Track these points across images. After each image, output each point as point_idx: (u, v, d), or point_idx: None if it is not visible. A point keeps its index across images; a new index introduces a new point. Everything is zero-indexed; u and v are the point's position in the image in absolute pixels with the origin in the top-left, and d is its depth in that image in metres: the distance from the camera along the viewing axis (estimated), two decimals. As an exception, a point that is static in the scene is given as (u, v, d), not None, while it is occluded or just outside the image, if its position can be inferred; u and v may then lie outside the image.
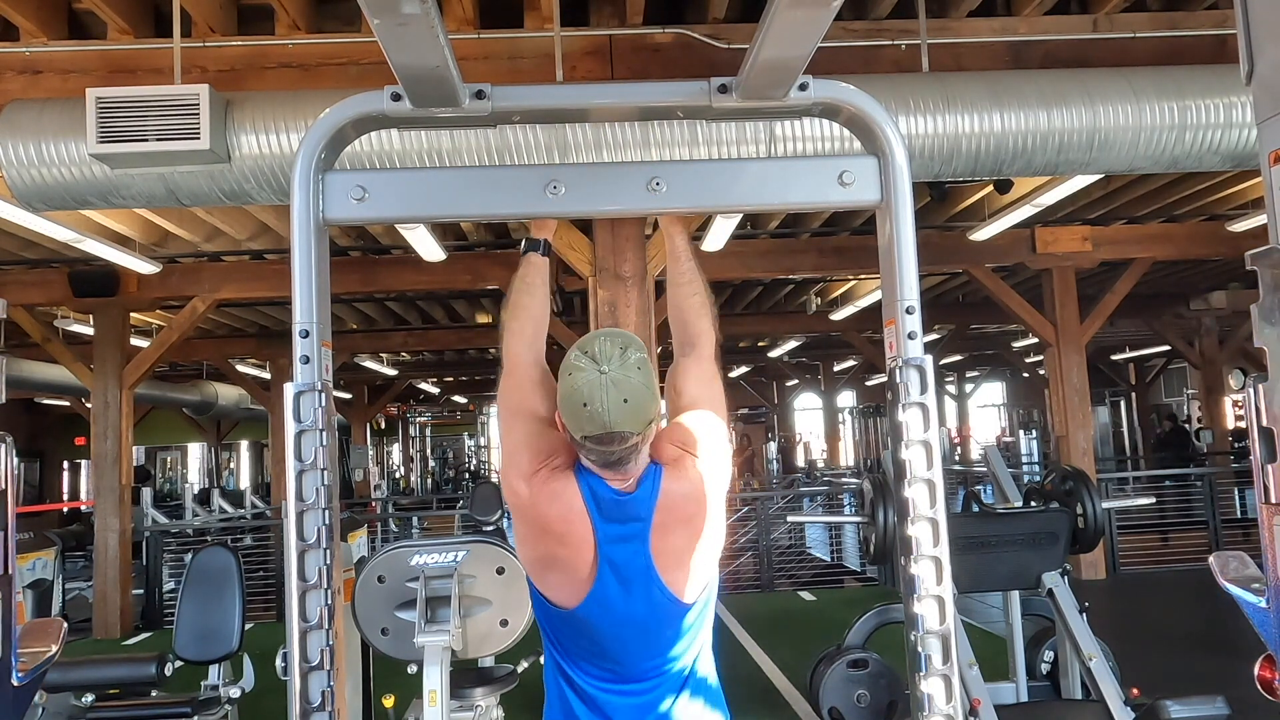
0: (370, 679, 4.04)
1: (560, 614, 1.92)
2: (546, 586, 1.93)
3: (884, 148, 1.93)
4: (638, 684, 1.94)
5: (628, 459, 1.84)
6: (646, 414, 1.81)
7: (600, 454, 1.82)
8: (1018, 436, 21.97)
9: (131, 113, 3.67)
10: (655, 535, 1.86)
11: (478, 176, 2.25)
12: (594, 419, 1.76)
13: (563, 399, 1.83)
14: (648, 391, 1.81)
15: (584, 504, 1.85)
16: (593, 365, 1.79)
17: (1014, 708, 3.81)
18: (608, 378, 1.77)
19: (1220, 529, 9.36)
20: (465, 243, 8.23)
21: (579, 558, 1.86)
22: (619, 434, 1.77)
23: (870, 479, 4.01)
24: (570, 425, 1.82)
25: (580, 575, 1.87)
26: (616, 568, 1.86)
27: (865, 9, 4.46)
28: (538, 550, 1.93)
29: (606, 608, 1.87)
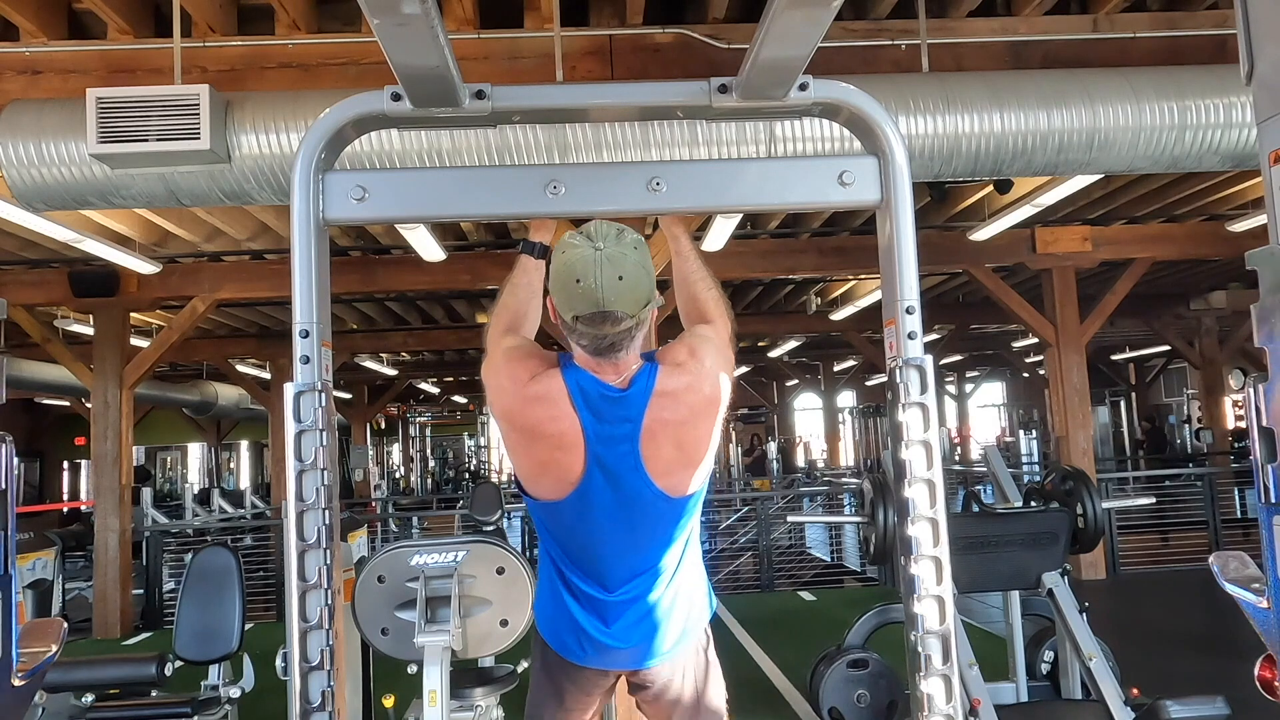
0: (370, 679, 4.04)
1: (550, 505, 1.90)
2: (538, 489, 1.91)
3: (884, 148, 1.93)
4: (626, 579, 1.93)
5: (620, 345, 1.80)
6: (641, 294, 1.76)
7: (592, 337, 1.78)
8: (1018, 436, 21.98)
9: (131, 113, 3.67)
10: (645, 437, 1.83)
11: (478, 176, 2.25)
12: (587, 296, 1.72)
13: (555, 277, 1.77)
14: (644, 272, 1.77)
15: (572, 403, 1.82)
16: (587, 242, 1.76)
17: (1014, 708, 3.81)
18: (603, 254, 1.74)
19: (1220, 529, 9.36)
20: (465, 243, 8.23)
21: (569, 458, 1.83)
22: (612, 314, 1.73)
23: (870, 479, 4.01)
24: (561, 305, 1.78)
25: (571, 476, 1.85)
26: (605, 466, 1.83)
27: (865, 9, 4.46)
28: (529, 457, 1.90)
29: (595, 503, 1.86)
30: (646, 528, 1.91)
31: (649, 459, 1.85)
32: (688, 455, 1.89)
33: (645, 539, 1.92)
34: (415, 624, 2.97)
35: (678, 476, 1.88)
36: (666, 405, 1.85)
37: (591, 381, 1.84)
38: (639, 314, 1.78)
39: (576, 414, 1.83)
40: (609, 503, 1.87)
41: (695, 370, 1.90)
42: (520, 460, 1.93)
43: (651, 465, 1.85)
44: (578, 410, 1.83)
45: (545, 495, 1.91)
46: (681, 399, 1.87)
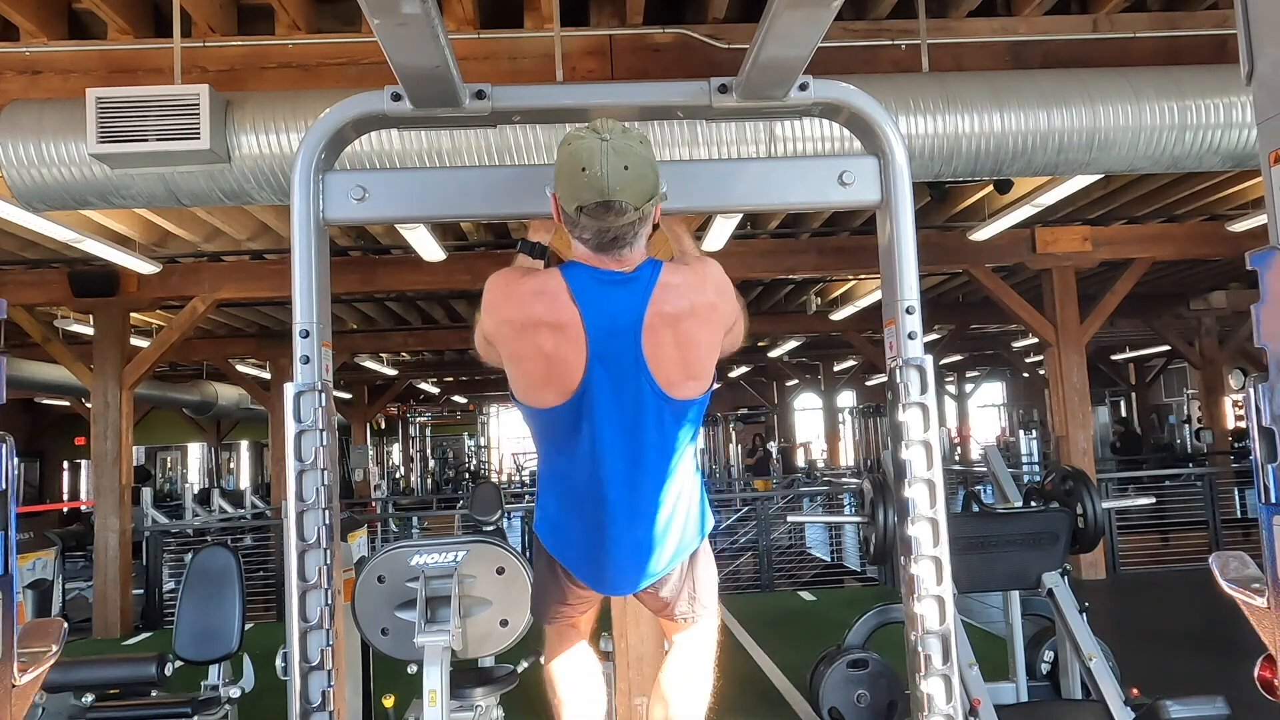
0: (370, 679, 4.04)
1: (552, 412, 1.89)
2: (540, 398, 1.90)
3: (884, 148, 1.94)
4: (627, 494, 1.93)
5: (624, 238, 1.79)
6: (647, 186, 1.74)
7: (595, 230, 1.76)
8: (1018, 436, 21.97)
9: (131, 113, 3.67)
10: (647, 330, 1.82)
11: (478, 176, 2.26)
12: (592, 184, 1.70)
13: (560, 168, 1.76)
14: (649, 165, 1.75)
15: (571, 296, 1.81)
16: (593, 134, 1.74)
17: (1014, 708, 3.81)
18: (609, 144, 1.72)
19: (1220, 529, 9.36)
20: (465, 243, 8.23)
21: (570, 354, 1.82)
22: (617, 204, 1.72)
23: (870, 479, 4.01)
24: (565, 196, 1.76)
25: (572, 374, 1.84)
26: (606, 362, 1.82)
27: (865, 9, 4.46)
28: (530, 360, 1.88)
29: (597, 403, 1.85)
30: (648, 432, 1.90)
31: (650, 354, 1.83)
32: (688, 357, 1.87)
33: (647, 446, 1.91)
34: (415, 624, 2.97)
35: (678, 377, 1.87)
36: (669, 299, 1.83)
37: (591, 270, 1.83)
38: (644, 207, 1.76)
39: (576, 306, 1.81)
40: (610, 404, 1.85)
41: (700, 273, 1.91)
42: (521, 368, 1.91)
43: (653, 360, 1.84)
44: (577, 303, 1.81)
45: (547, 401, 1.89)
46: (684, 294, 1.86)
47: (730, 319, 1.95)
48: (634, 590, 2.02)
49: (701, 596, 2.06)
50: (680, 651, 2.12)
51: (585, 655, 2.22)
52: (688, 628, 2.10)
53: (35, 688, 1.24)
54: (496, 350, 1.96)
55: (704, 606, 2.08)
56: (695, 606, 2.07)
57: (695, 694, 2.10)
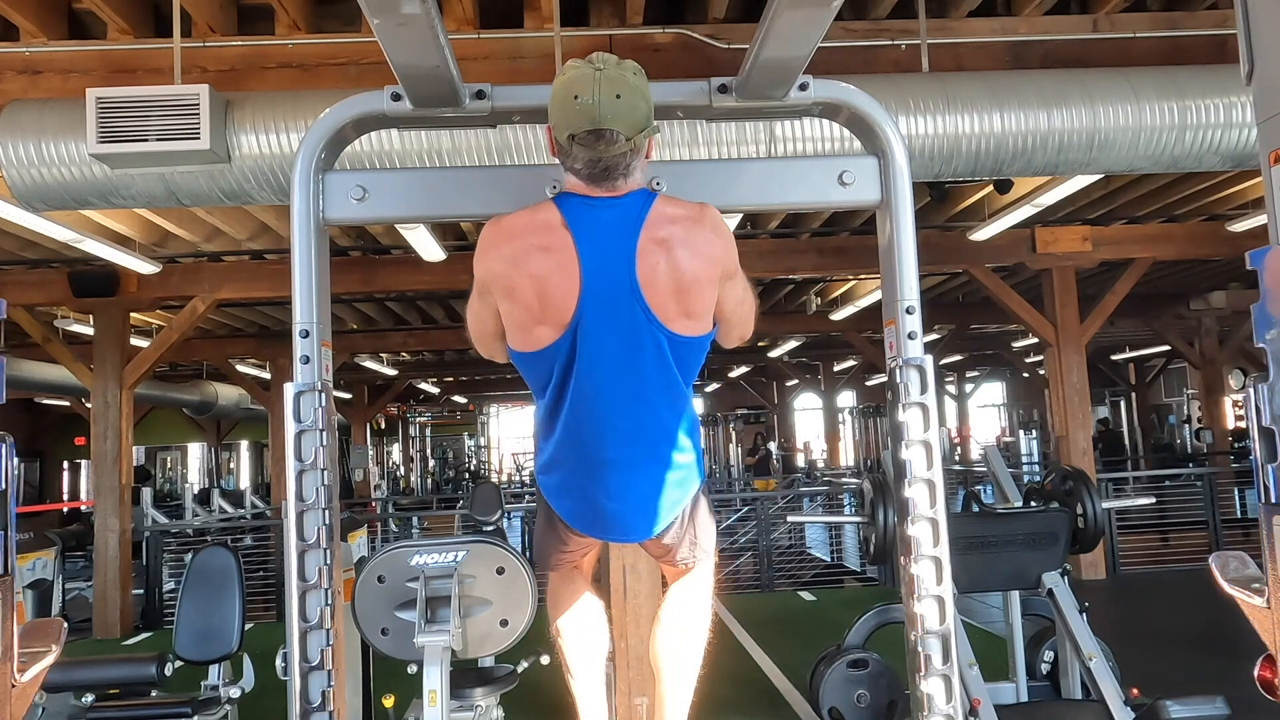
0: (370, 679, 4.04)
1: (546, 352, 1.87)
2: (535, 337, 1.88)
3: (884, 148, 1.94)
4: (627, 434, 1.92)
5: (615, 168, 1.78)
6: (639, 116, 1.74)
7: (587, 160, 1.76)
8: (1018, 436, 21.97)
9: (131, 113, 3.67)
10: (641, 256, 1.81)
11: (478, 176, 2.26)
12: (584, 112, 1.70)
13: (553, 98, 1.76)
14: (641, 96, 1.75)
15: (563, 223, 1.80)
16: (587, 65, 1.74)
17: (1014, 708, 3.81)
18: (602, 74, 1.72)
19: (1220, 529, 9.36)
20: (465, 243, 8.23)
21: (563, 284, 1.80)
22: (608, 131, 1.71)
23: (870, 479, 4.01)
24: (558, 124, 1.75)
25: (566, 307, 1.82)
26: (600, 294, 1.81)
27: (865, 9, 4.46)
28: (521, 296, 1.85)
29: (592, 337, 1.84)
30: (644, 364, 1.88)
31: (645, 279, 1.81)
32: (683, 287, 1.85)
33: (644, 379, 1.90)
34: (415, 624, 2.97)
35: (673, 309, 1.85)
36: (663, 225, 1.82)
37: (583, 199, 1.81)
38: (635, 138, 1.75)
39: (569, 231, 1.79)
40: (606, 334, 1.83)
41: (697, 209, 1.89)
42: (515, 302, 1.86)
43: (647, 286, 1.81)
44: (570, 228, 1.80)
45: (542, 339, 1.86)
46: (679, 223, 1.84)
47: (727, 260, 1.91)
48: (641, 539, 2.05)
49: (702, 542, 2.10)
50: (681, 593, 2.17)
51: (588, 600, 2.28)
52: (688, 572, 2.15)
53: (35, 688, 1.24)
54: (490, 306, 1.90)
55: (704, 551, 2.12)
56: (696, 551, 2.10)
57: (696, 632, 2.17)
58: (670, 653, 2.16)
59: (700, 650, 2.19)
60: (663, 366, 1.89)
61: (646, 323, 1.84)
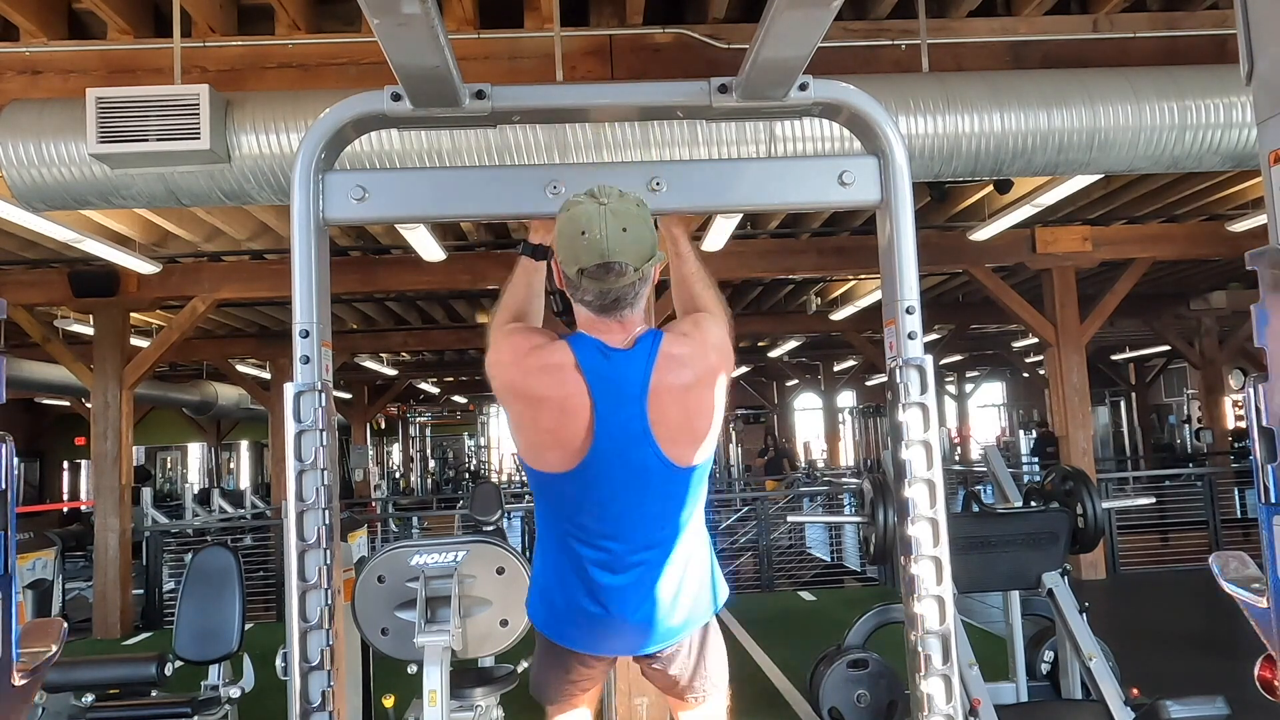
0: (370, 679, 4.04)
1: (556, 477, 1.89)
2: (543, 462, 1.91)
3: (884, 148, 1.93)
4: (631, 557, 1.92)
5: (624, 299, 1.81)
6: (645, 247, 1.78)
7: (597, 292, 1.79)
8: (1018, 436, 21.96)
9: (131, 113, 3.67)
10: (652, 399, 1.83)
11: (478, 176, 2.26)
12: (592, 247, 1.74)
13: (560, 234, 1.79)
14: (646, 227, 1.79)
15: (577, 368, 1.83)
16: (591, 199, 1.78)
17: (1014, 708, 3.81)
18: (607, 209, 1.75)
19: (1220, 529, 9.36)
20: (465, 243, 8.23)
21: (575, 424, 1.83)
22: (616, 265, 1.75)
23: (870, 479, 4.01)
24: (567, 259, 1.79)
25: (577, 443, 1.84)
26: (612, 433, 1.83)
27: (865, 9, 4.46)
28: (535, 427, 1.89)
29: (603, 472, 1.85)
30: (653, 500, 1.90)
31: (655, 423, 1.84)
32: (693, 423, 1.88)
33: (651, 513, 1.91)
34: (415, 624, 2.98)
35: (684, 444, 1.88)
36: (672, 368, 1.85)
37: (596, 344, 1.85)
38: (642, 268, 1.79)
39: (582, 377, 1.82)
40: (616, 473, 1.85)
41: (699, 339, 1.92)
42: (526, 434, 1.92)
43: (658, 429, 1.84)
44: (583, 374, 1.83)
45: (552, 467, 1.89)
46: (686, 363, 1.87)
47: (730, 369, 1.96)
48: (643, 649, 1.97)
49: (713, 674, 2.02)
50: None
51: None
52: (697, 707, 2.04)
53: (35, 688, 1.24)
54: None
55: (715, 685, 2.03)
56: (706, 684, 2.02)
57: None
58: None
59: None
60: (674, 498, 1.92)
61: (658, 463, 1.87)
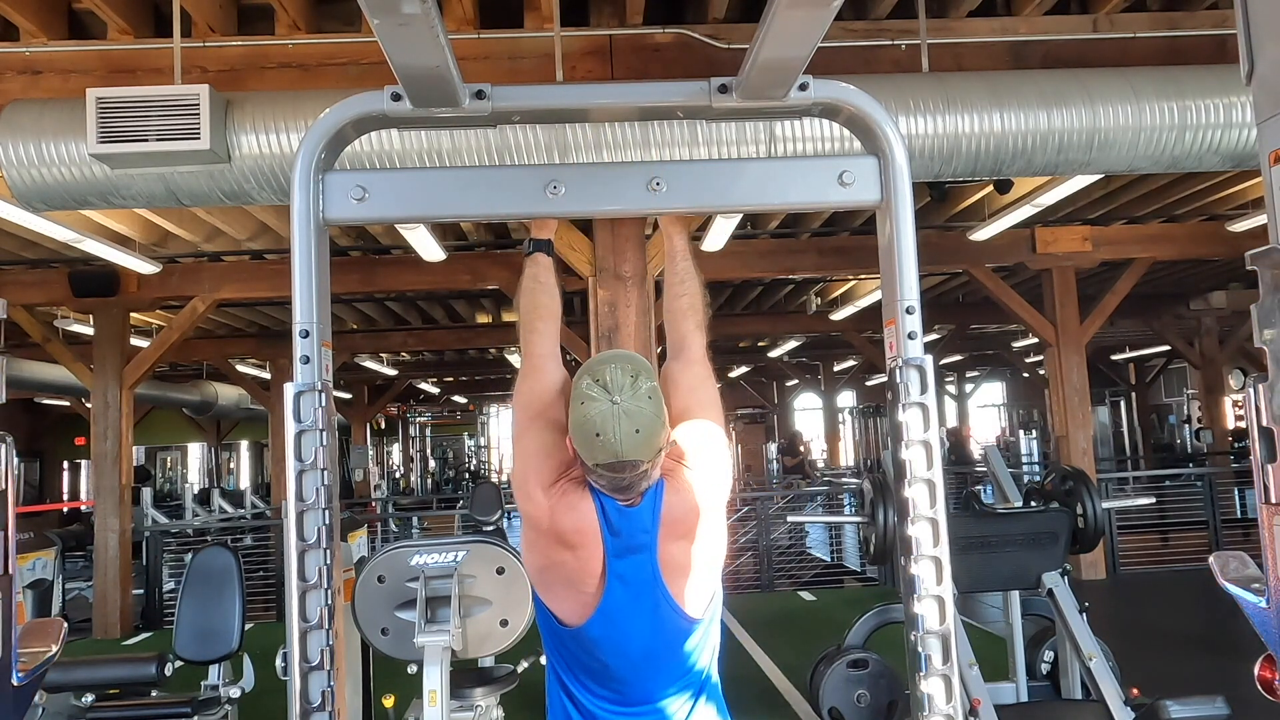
0: (370, 679, 4.04)
1: (568, 631, 1.92)
2: (553, 599, 1.93)
3: (884, 148, 1.93)
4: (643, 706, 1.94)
5: (638, 484, 1.86)
6: (656, 443, 1.84)
7: (611, 480, 1.84)
8: (1018, 436, 21.97)
9: (131, 113, 3.67)
10: (661, 548, 1.88)
11: (478, 176, 2.25)
12: (606, 448, 1.79)
13: (575, 427, 1.85)
14: (658, 421, 1.84)
15: (596, 517, 1.87)
16: (605, 395, 1.82)
17: (1014, 708, 3.81)
18: (620, 408, 1.80)
19: (1220, 529, 9.36)
20: (465, 243, 8.23)
21: (588, 569, 1.87)
22: (630, 462, 1.80)
23: (870, 479, 4.01)
24: (583, 453, 1.84)
25: (589, 589, 1.88)
26: (625, 581, 1.87)
27: (865, 9, 4.46)
28: (548, 559, 1.93)
29: (614, 623, 1.88)
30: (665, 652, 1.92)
31: (667, 569, 1.88)
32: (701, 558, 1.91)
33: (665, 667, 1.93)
34: (415, 624, 2.98)
35: (693, 585, 1.91)
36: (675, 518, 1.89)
37: (610, 501, 1.89)
38: (654, 458, 1.84)
39: (600, 527, 1.87)
40: (628, 625, 1.88)
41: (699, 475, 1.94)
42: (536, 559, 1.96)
43: (670, 577, 1.88)
44: (600, 524, 1.87)
45: (563, 613, 1.92)
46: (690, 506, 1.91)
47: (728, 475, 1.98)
48: None
49: None
50: None
51: None
52: None
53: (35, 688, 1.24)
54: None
55: None
56: None
57: None
58: None
59: None
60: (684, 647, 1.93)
61: (670, 613, 1.89)
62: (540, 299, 2.07)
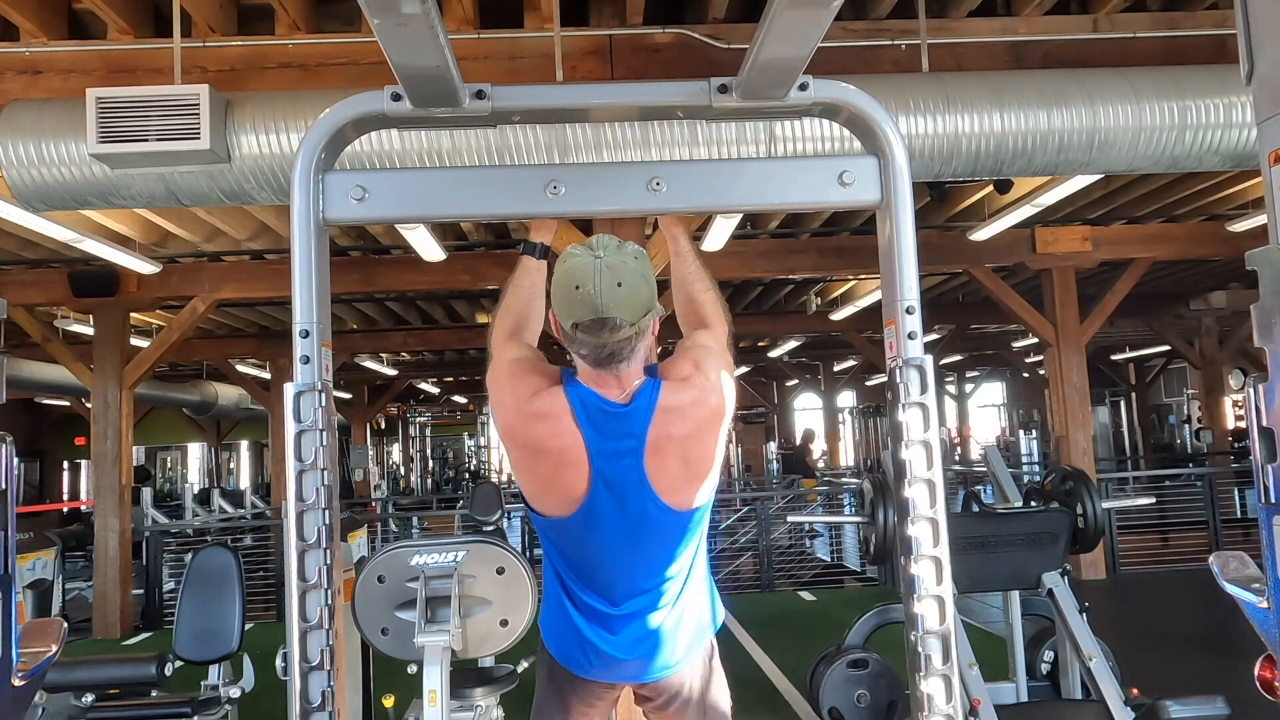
0: (370, 679, 4.04)
1: (556, 522, 1.90)
2: (544, 508, 1.92)
3: (884, 148, 1.93)
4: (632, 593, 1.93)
5: (620, 354, 1.80)
6: (640, 302, 1.77)
7: (592, 346, 1.78)
8: (1018, 436, 21.97)
9: (131, 113, 3.67)
10: (650, 452, 1.83)
11: (478, 176, 2.25)
12: (586, 302, 1.73)
13: (555, 286, 1.79)
14: (643, 281, 1.78)
15: (574, 419, 1.82)
16: (588, 252, 1.78)
17: (1014, 708, 3.81)
18: (602, 262, 1.75)
19: (1220, 529, 9.36)
20: (465, 243, 8.23)
21: (573, 475, 1.84)
22: (611, 320, 1.74)
23: (870, 479, 4.01)
24: (561, 313, 1.79)
25: (575, 493, 1.85)
26: (610, 483, 1.84)
27: (865, 9, 4.46)
28: (533, 475, 1.91)
29: (601, 519, 1.86)
30: (653, 543, 1.91)
31: (654, 475, 1.84)
32: (694, 470, 1.88)
33: (651, 554, 1.92)
34: (415, 624, 2.97)
35: (683, 491, 1.88)
36: (672, 421, 1.84)
37: (593, 397, 1.84)
38: (639, 322, 1.78)
39: (579, 430, 1.82)
40: (614, 519, 1.86)
41: (700, 384, 1.89)
42: (524, 477, 1.93)
43: (657, 481, 1.85)
44: (580, 426, 1.82)
45: (551, 512, 1.91)
46: (687, 414, 1.86)
47: (729, 400, 1.92)
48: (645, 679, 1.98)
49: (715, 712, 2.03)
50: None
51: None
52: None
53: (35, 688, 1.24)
54: None
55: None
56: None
57: None
58: None
59: None
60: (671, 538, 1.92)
61: (656, 510, 1.86)
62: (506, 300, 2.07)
